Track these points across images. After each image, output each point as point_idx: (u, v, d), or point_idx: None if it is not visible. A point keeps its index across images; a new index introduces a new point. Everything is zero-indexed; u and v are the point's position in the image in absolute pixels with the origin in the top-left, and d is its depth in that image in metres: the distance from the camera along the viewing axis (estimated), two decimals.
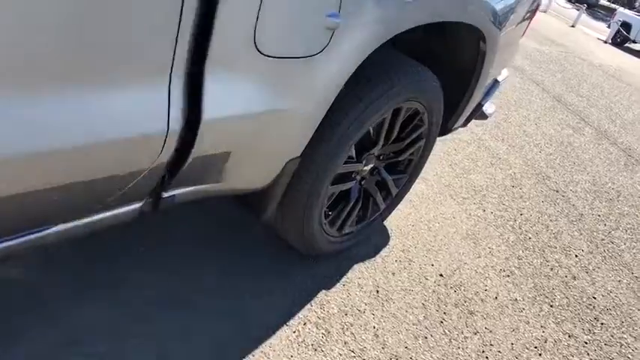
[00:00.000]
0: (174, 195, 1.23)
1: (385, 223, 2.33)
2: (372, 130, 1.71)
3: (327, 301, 1.79)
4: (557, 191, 3.34)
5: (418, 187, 2.76)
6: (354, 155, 1.70)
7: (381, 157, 1.90)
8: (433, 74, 1.76)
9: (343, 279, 1.91)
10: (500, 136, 4.05)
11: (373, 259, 2.08)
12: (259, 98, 1.12)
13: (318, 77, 1.21)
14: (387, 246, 2.19)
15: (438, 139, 2.30)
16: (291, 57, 1.12)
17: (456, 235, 2.45)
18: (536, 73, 6.77)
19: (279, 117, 1.20)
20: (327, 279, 1.88)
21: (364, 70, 1.47)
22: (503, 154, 3.68)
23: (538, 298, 2.19)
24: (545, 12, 16.54)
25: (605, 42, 14.68)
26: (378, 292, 1.91)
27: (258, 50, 1.05)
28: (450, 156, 3.35)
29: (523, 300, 2.15)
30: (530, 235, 2.68)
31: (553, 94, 5.98)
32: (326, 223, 1.78)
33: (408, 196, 2.58)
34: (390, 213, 2.22)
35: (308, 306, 1.74)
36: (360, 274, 1.97)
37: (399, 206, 2.40)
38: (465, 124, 2.37)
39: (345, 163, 1.65)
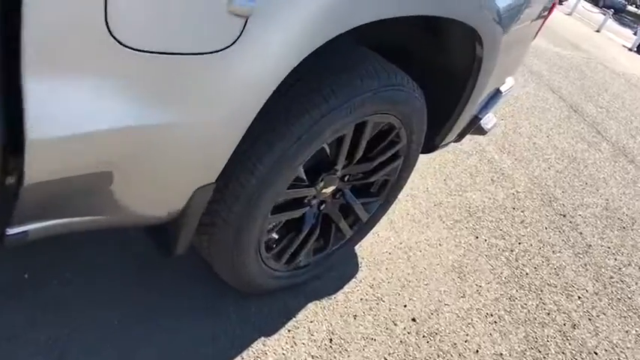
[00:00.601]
0: (26, 231, 0.90)
1: (356, 248, 1.99)
2: (327, 149, 1.37)
3: (264, 351, 1.46)
4: (563, 216, 2.97)
5: (403, 205, 2.42)
6: (304, 177, 1.36)
7: (347, 179, 1.56)
8: (412, 81, 1.42)
9: (291, 322, 1.58)
10: (506, 147, 3.67)
11: (333, 296, 1.74)
12: (130, 109, 0.79)
13: (228, 81, 0.87)
14: (354, 279, 1.85)
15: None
16: (178, 53, 0.78)
17: (440, 268, 2.10)
18: (554, 79, 6.35)
19: (168, 133, 0.86)
20: (270, 322, 1.55)
21: (312, 73, 1.14)
22: (508, 170, 3.31)
23: (528, 353, 1.84)
24: (570, 15, 15.95)
25: (630, 49, 14.09)
26: (331, 340, 1.58)
27: (119, 41, 0.71)
28: (445, 169, 3.00)
29: (510, 355, 1.80)
30: (527, 270, 2.33)
31: (570, 102, 5.56)
32: (269, 257, 1.45)
33: (389, 216, 2.25)
34: (361, 239, 1.89)
35: (238, 358, 1.41)
36: (313, 315, 1.64)
37: (377, 227, 2.07)
38: (457, 140, 2.01)
39: (292, 187, 1.31)
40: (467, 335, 1.81)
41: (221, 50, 0.82)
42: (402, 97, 1.36)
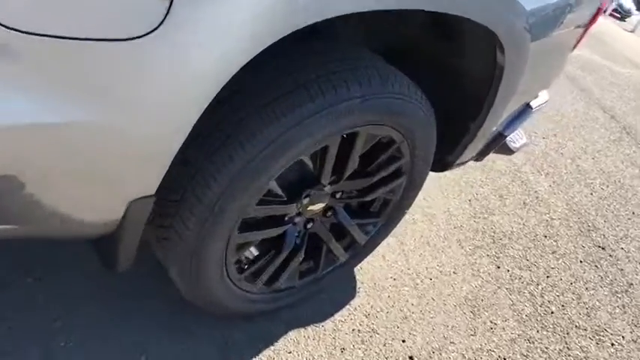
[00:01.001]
0: None
1: (356, 270, 1.80)
2: (309, 162, 1.20)
3: None
4: (603, 249, 2.67)
5: (418, 226, 2.21)
6: (279, 193, 1.19)
7: (339, 196, 1.38)
8: (417, 89, 1.23)
9: (266, 351, 1.41)
10: (544, 168, 3.38)
11: (321, 324, 1.56)
12: (24, 104, 0.65)
13: (154, 75, 0.71)
14: (348, 306, 1.66)
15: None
16: (84, 38, 0.63)
17: (451, 299, 1.88)
18: (606, 98, 5.92)
19: (80, 135, 0.72)
20: (245, 349, 1.39)
21: (284, 73, 0.98)
22: (543, 193, 3.03)
23: None
24: (632, 32, 15.11)
25: None
26: None
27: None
28: (472, 188, 2.75)
29: None
30: (553, 308, 2.07)
31: (623, 124, 5.15)
32: (240, 279, 1.29)
33: (400, 238, 2.05)
34: (358, 262, 1.70)
35: None
36: (294, 345, 1.46)
37: (385, 249, 1.88)
38: (478, 159, 1.80)
39: (264, 203, 1.15)
40: None
41: (142, 36, 0.67)
42: (400, 107, 1.18)
